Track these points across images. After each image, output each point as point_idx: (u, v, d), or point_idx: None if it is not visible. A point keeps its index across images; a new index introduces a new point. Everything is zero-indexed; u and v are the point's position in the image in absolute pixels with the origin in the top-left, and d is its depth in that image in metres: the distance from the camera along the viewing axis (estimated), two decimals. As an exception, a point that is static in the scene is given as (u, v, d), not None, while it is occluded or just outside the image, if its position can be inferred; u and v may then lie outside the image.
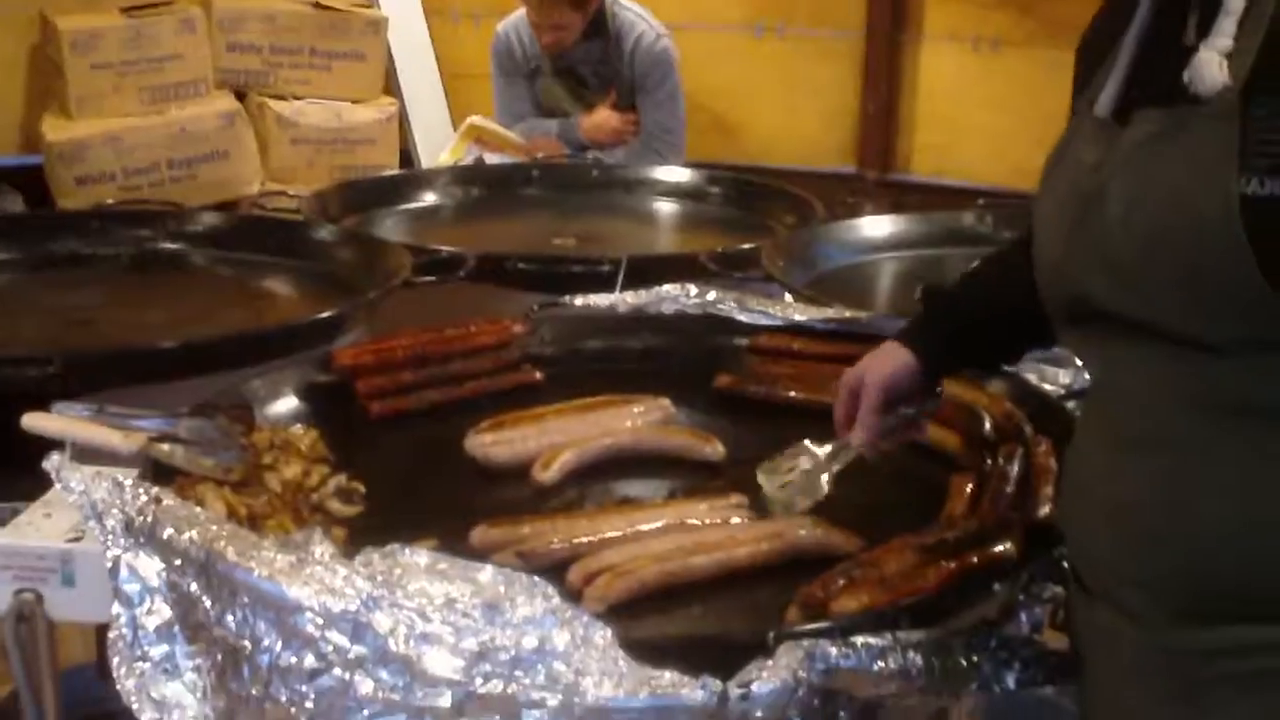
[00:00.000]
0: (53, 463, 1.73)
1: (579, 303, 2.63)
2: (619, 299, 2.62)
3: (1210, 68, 1.33)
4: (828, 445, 1.92)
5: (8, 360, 2.25)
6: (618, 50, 4.89)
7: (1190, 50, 1.37)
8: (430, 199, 3.98)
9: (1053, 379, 2.27)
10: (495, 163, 4.63)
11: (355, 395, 2.28)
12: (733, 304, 2.56)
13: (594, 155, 4.79)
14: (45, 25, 5.07)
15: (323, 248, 3.11)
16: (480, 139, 4.83)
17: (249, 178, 5.25)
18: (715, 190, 4.01)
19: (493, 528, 1.81)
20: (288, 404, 2.23)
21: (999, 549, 1.70)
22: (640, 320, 2.58)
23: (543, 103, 5.05)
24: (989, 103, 5.77)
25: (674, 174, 4.16)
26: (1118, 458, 1.46)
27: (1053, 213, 1.50)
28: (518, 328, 2.48)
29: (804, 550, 1.79)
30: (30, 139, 5.13)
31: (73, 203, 4.81)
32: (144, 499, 1.63)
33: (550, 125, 4.97)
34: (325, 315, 2.54)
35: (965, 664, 1.56)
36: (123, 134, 4.99)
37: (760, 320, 2.53)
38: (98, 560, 1.64)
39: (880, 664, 1.48)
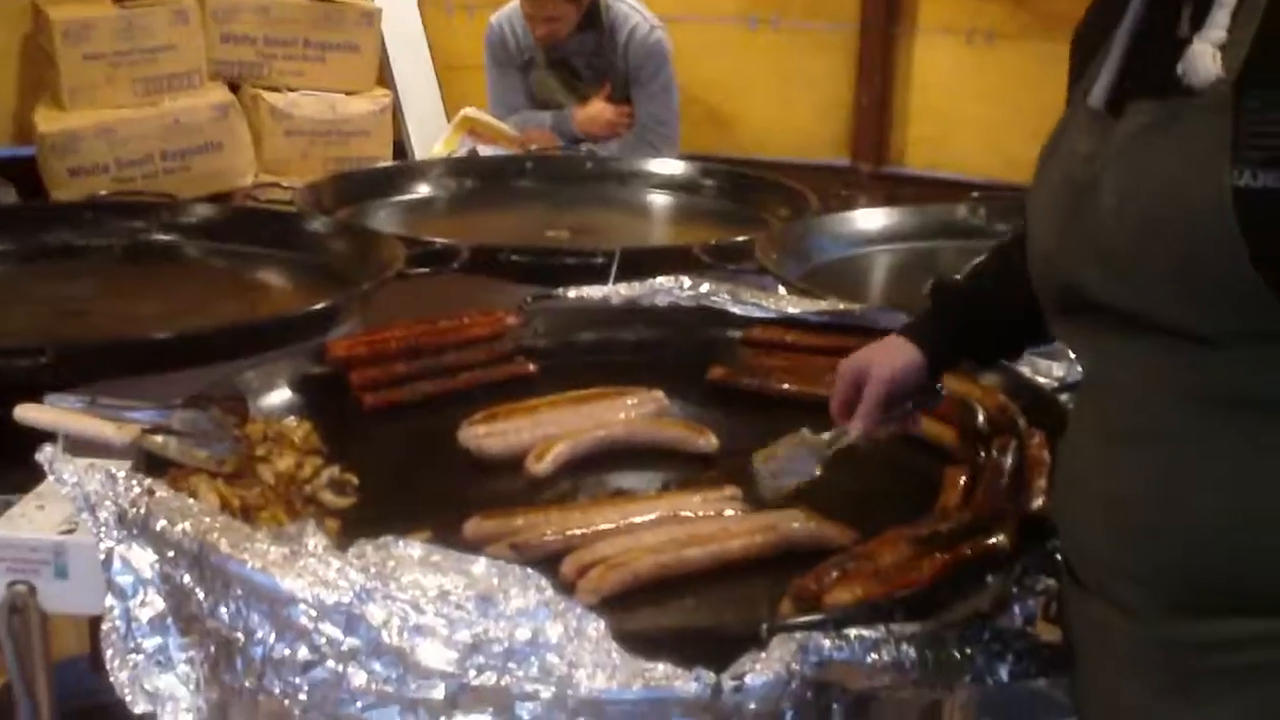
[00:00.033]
0: (45, 455, 1.73)
1: (572, 295, 2.62)
2: (612, 291, 2.62)
3: (1203, 60, 1.33)
4: (825, 434, 1.92)
5: (0, 351, 2.24)
6: (612, 42, 4.88)
7: (1184, 42, 1.37)
8: (424, 191, 3.98)
9: (1046, 371, 2.28)
10: (489, 155, 4.62)
11: (349, 387, 2.28)
12: (726, 296, 2.56)
13: (588, 147, 4.78)
14: (37, 15, 5.06)
15: (316, 239, 3.10)
16: (474, 131, 4.82)
17: (243, 169, 5.25)
18: (709, 182, 4.01)
19: (486, 520, 1.82)
20: (281, 396, 2.23)
21: (992, 541, 1.70)
22: (634, 312, 2.58)
23: (536, 95, 5.04)
24: (983, 95, 5.77)
25: (668, 166, 4.16)
26: (1111, 450, 1.46)
27: (1046, 204, 1.50)
28: (511, 320, 2.48)
29: (797, 542, 1.79)
30: (23, 130, 5.12)
31: (66, 194, 4.81)
32: (137, 491, 1.63)
33: (544, 117, 4.97)
34: (319, 307, 2.54)
35: (958, 656, 1.56)
36: (116, 125, 4.98)
37: (754, 312, 2.52)
38: (91, 552, 1.64)
39: (873, 656, 1.48)
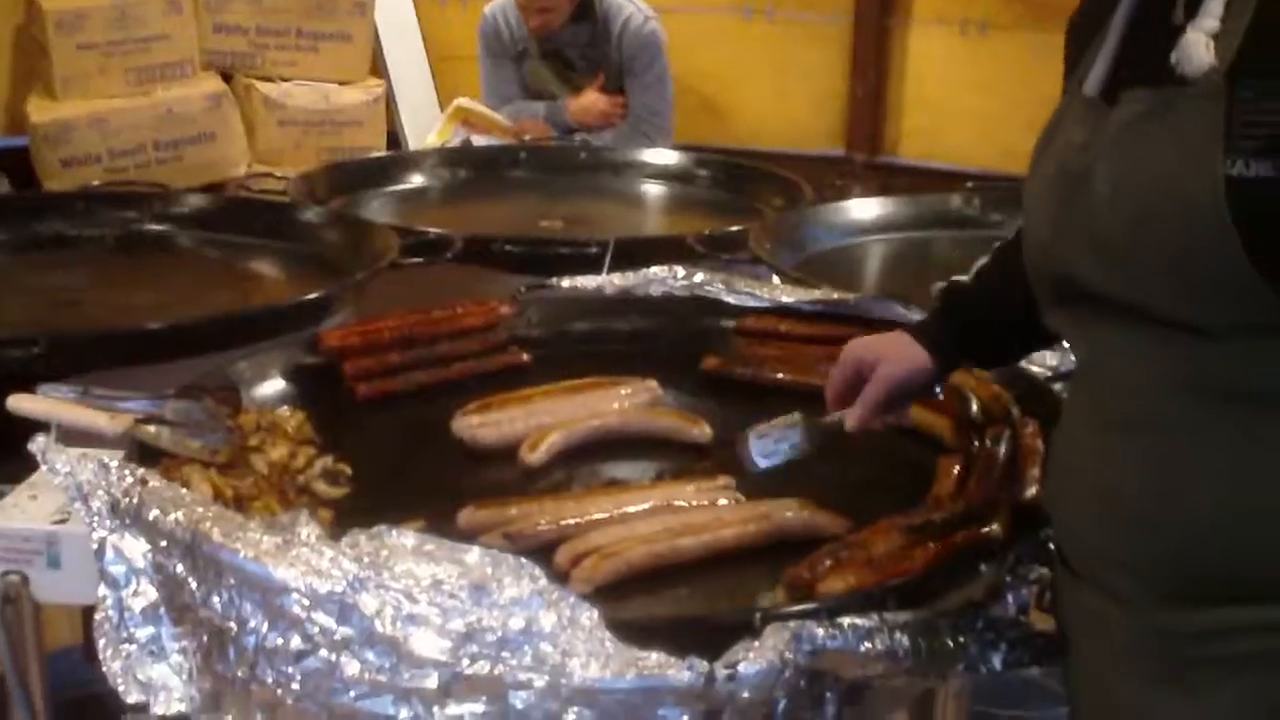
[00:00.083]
0: (38, 444, 1.72)
1: (566, 284, 2.62)
2: (606, 281, 2.62)
3: (1197, 48, 1.33)
4: (816, 420, 1.90)
5: (-7, 342, 2.24)
6: (605, 33, 4.88)
7: (1178, 31, 1.37)
8: (417, 181, 3.98)
9: (1039, 360, 2.27)
10: (482, 145, 4.62)
11: (342, 377, 2.28)
12: (720, 286, 2.56)
13: (582, 138, 4.78)
14: (30, 5, 5.04)
15: (310, 229, 3.10)
16: (467, 121, 4.81)
17: (236, 159, 5.23)
18: (703, 173, 4.01)
19: (480, 509, 1.81)
20: (274, 386, 2.23)
21: (986, 530, 1.71)
22: (628, 302, 2.58)
23: (530, 85, 5.04)
24: (977, 86, 5.76)
25: (662, 156, 4.16)
26: (1105, 440, 1.46)
27: (1041, 193, 1.50)
28: (505, 309, 2.47)
29: (791, 532, 1.79)
30: (15, 120, 5.10)
31: (59, 184, 4.79)
32: (130, 481, 1.63)
33: (537, 108, 4.96)
34: (312, 297, 2.54)
35: (952, 645, 1.56)
36: (108, 115, 4.96)
37: (748, 302, 2.52)
38: (83, 542, 1.64)
39: (867, 645, 1.48)
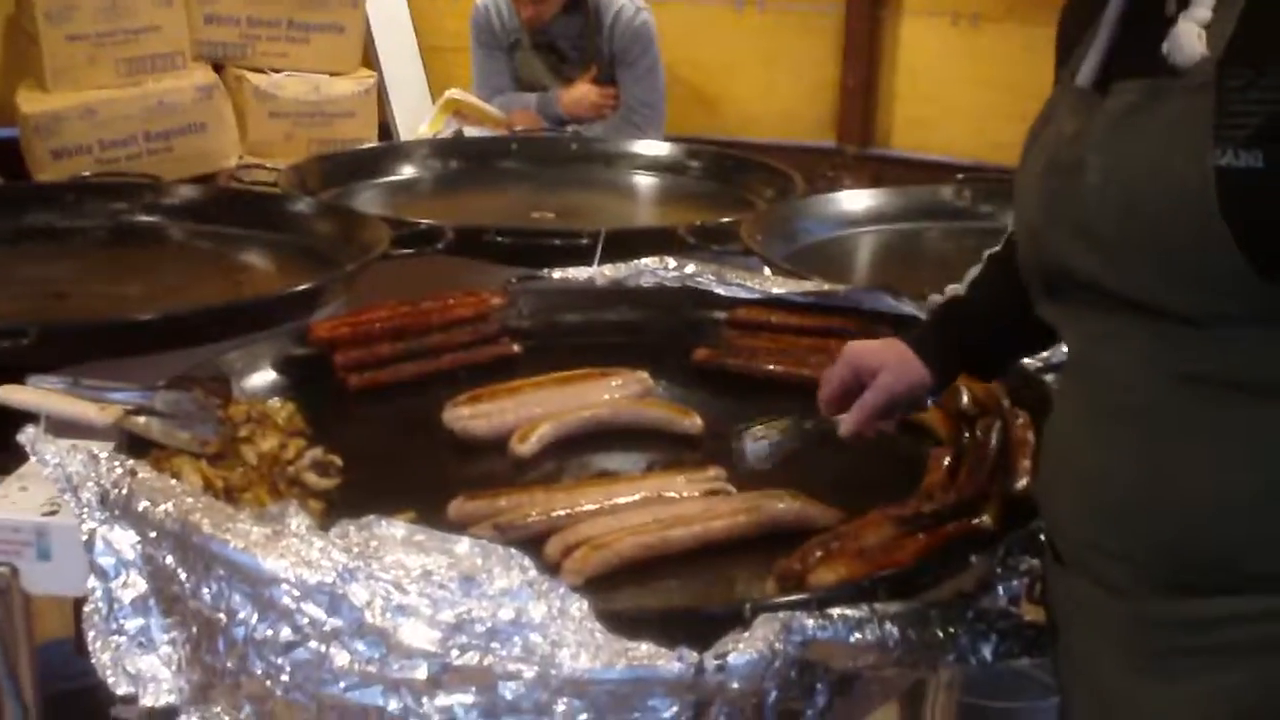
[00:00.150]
0: (28, 436, 1.72)
1: (557, 276, 2.62)
2: (597, 272, 2.61)
3: (1189, 39, 1.33)
4: (810, 423, 1.90)
5: (-17, 333, 2.23)
6: (597, 24, 4.87)
7: (1171, 21, 1.37)
8: (408, 172, 3.97)
9: (1031, 352, 2.27)
10: (474, 136, 4.61)
11: (333, 368, 2.28)
12: (711, 277, 2.56)
13: (573, 129, 4.77)
14: (20, -4, 5.03)
15: (301, 221, 3.09)
16: (459, 112, 4.81)
17: (226, 151, 5.23)
18: (694, 164, 4.00)
19: (470, 500, 1.81)
20: (265, 377, 2.23)
21: (976, 521, 1.71)
22: (619, 293, 2.58)
23: (521, 76, 5.03)
24: (968, 78, 5.76)
25: (653, 148, 4.15)
26: (1097, 431, 1.46)
27: (1033, 184, 1.50)
28: (496, 301, 2.47)
29: (781, 523, 1.79)
30: (5, 111, 5.08)
31: (49, 176, 4.78)
32: (119, 472, 1.63)
33: (529, 99, 4.96)
34: (303, 288, 2.54)
35: (942, 636, 1.56)
36: (99, 106, 4.95)
37: (739, 294, 2.52)
38: (73, 534, 1.64)
39: (857, 635, 1.48)
